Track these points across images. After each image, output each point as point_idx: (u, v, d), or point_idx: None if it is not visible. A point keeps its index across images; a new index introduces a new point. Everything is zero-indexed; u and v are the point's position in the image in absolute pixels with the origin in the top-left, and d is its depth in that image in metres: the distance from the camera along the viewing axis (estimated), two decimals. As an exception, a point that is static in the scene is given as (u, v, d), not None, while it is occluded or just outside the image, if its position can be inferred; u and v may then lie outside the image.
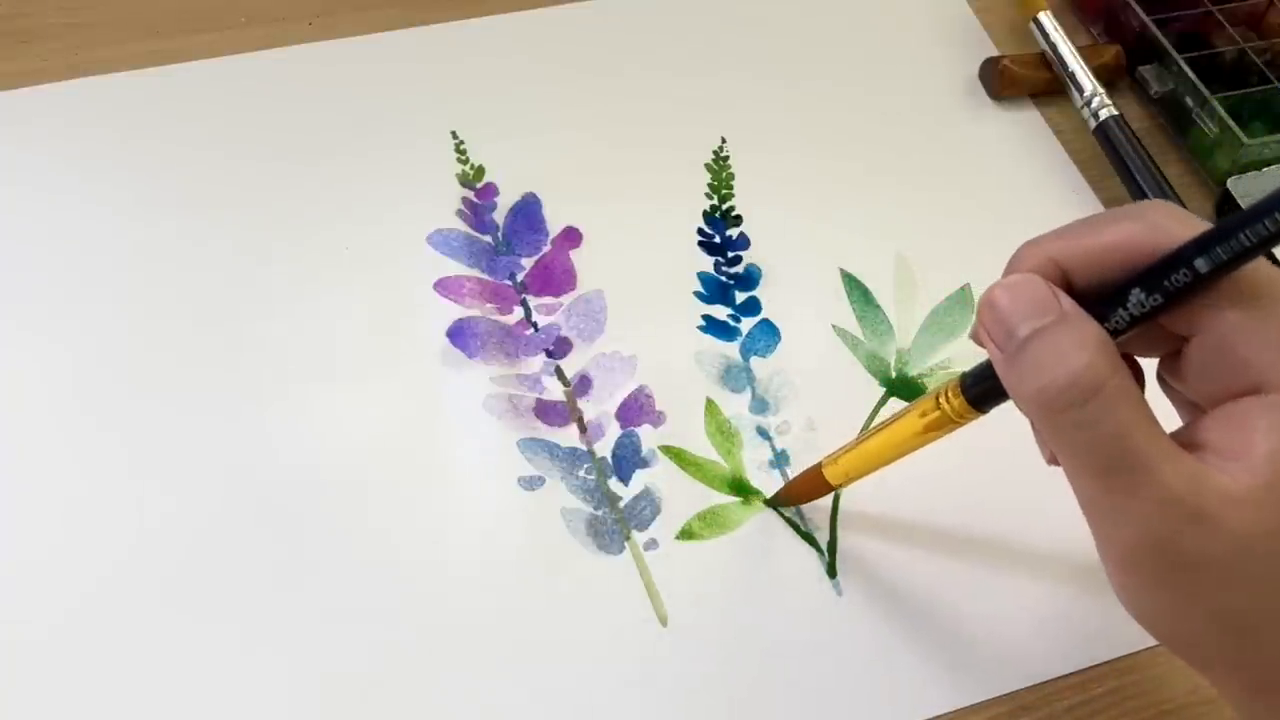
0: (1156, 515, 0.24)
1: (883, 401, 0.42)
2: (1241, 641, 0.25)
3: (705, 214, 0.47)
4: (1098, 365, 0.24)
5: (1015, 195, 0.49)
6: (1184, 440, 0.25)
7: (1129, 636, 0.37)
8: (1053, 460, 0.28)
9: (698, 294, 0.45)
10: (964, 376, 0.30)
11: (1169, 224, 0.25)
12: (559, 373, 0.42)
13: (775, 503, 0.39)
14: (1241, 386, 0.25)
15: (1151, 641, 0.37)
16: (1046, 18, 0.51)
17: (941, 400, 0.30)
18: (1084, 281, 0.26)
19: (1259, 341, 0.25)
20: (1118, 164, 0.48)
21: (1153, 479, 0.24)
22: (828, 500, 0.39)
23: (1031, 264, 0.26)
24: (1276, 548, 0.24)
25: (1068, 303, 0.25)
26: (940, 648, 0.37)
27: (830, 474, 0.36)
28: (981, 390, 0.29)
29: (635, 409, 0.41)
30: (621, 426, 0.41)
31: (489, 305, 0.43)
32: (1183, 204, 0.46)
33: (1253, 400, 0.25)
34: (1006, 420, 0.41)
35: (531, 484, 0.39)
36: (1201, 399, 0.27)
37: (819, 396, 0.42)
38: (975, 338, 0.27)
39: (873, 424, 0.33)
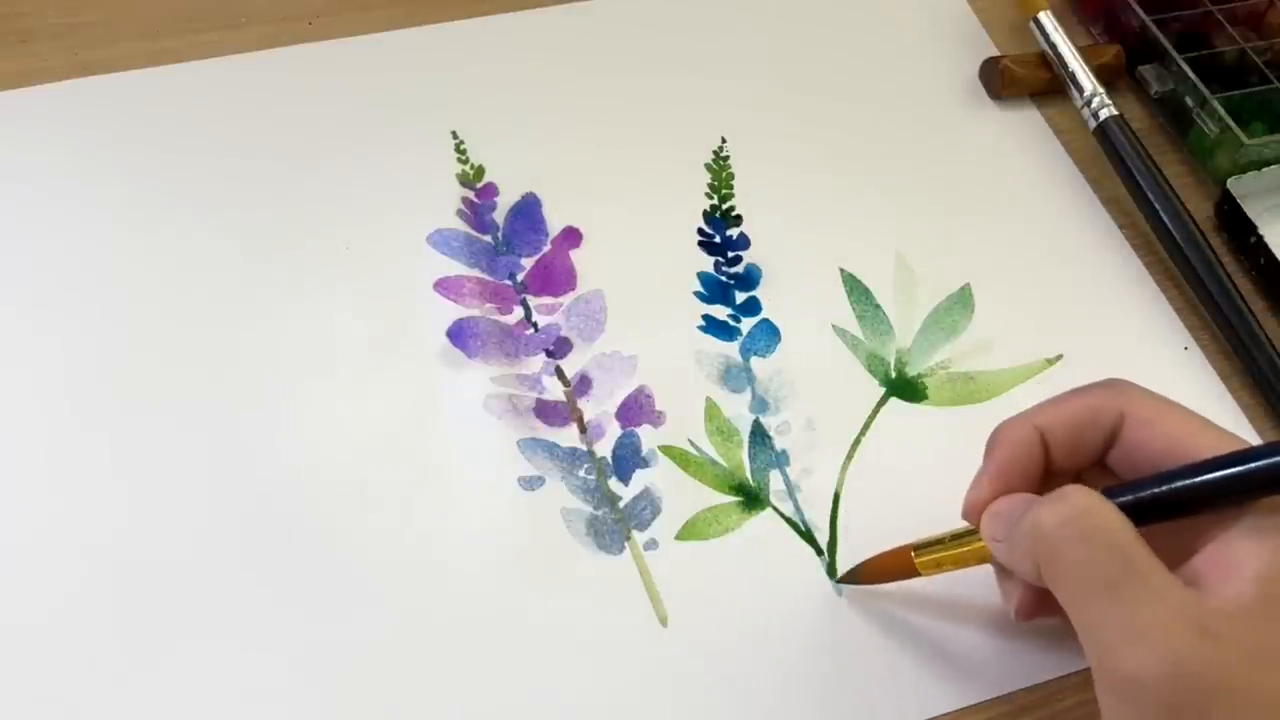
0: (1168, 627, 0.24)
1: (883, 401, 0.42)
2: None
3: (705, 214, 0.47)
4: (1090, 496, 0.27)
5: (1015, 195, 0.49)
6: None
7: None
8: (1023, 612, 0.31)
9: (698, 294, 0.45)
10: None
11: (1129, 388, 0.30)
12: (559, 373, 0.42)
13: (849, 579, 0.37)
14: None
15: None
16: (1046, 17, 0.51)
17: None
18: (1062, 450, 0.31)
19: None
20: (1118, 164, 0.48)
21: (1159, 591, 0.25)
22: (828, 500, 0.39)
23: (1018, 434, 0.31)
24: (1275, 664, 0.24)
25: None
26: (940, 648, 0.37)
27: (921, 564, 0.34)
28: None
29: (635, 409, 0.41)
30: (621, 426, 0.41)
31: (489, 305, 0.43)
32: (1183, 204, 0.46)
33: (1234, 528, 0.26)
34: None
35: (531, 484, 0.39)
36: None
37: (819, 396, 0.42)
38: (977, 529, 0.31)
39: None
